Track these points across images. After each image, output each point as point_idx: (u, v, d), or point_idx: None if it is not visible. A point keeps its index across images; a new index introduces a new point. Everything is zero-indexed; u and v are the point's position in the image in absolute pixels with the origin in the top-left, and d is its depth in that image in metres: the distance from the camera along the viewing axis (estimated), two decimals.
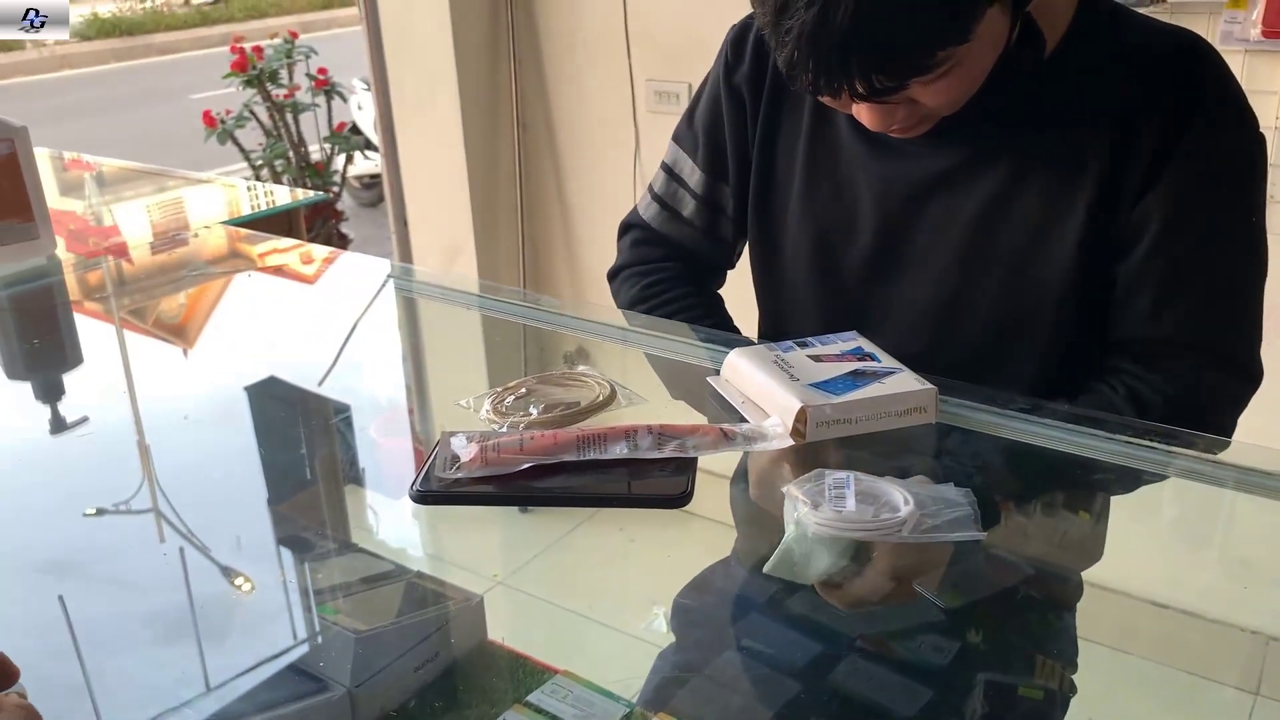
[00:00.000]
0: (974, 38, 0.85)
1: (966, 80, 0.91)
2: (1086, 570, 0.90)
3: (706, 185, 1.17)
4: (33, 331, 1.45)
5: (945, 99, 0.92)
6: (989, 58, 0.91)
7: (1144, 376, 0.97)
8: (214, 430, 1.13)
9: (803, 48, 0.83)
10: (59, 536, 0.96)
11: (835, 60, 0.83)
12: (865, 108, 0.93)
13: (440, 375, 1.37)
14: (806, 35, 0.82)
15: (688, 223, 1.20)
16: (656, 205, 1.22)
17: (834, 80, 0.85)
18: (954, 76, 0.88)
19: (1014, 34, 0.92)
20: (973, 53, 0.87)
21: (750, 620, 0.90)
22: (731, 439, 0.86)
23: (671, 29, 2.65)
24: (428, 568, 1.05)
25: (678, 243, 1.21)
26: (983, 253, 1.01)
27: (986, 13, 0.84)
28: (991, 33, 0.88)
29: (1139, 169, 0.93)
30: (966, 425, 0.93)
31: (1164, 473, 0.91)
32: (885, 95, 0.87)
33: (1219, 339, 0.97)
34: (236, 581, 0.93)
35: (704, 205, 1.18)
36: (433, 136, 2.95)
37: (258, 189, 3.08)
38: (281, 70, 4.82)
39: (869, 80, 0.84)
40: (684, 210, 1.20)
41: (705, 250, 1.21)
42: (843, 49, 0.82)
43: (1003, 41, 0.91)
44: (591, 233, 3.00)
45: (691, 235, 1.20)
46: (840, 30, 0.81)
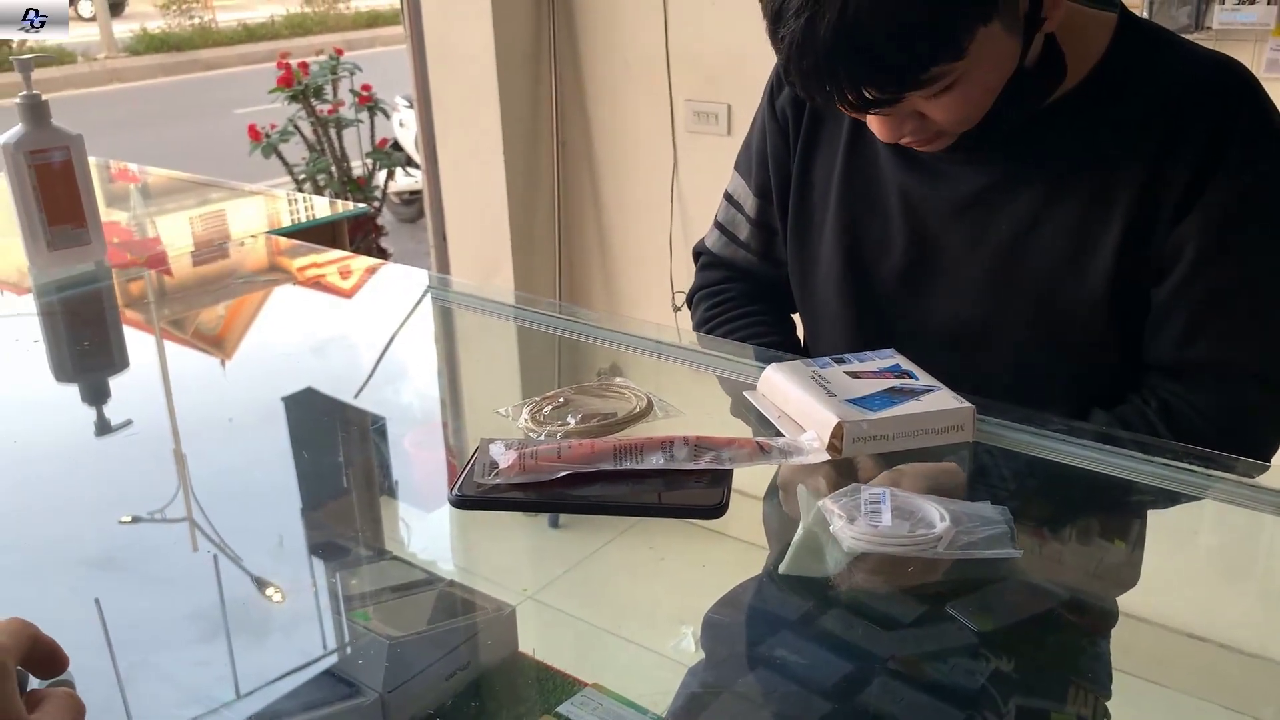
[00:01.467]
0: (970, 55, 0.85)
1: (973, 97, 0.91)
2: (1121, 596, 0.89)
3: (759, 208, 1.20)
4: (82, 334, 1.48)
5: (952, 115, 0.92)
6: (996, 76, 0.91)
7: (1177, 392, 0.97)
8: (252, 438, 1.15)
9: (793, 56, 0.84)
10: (103, 535, 0.97)
11: (823, 69, 0.84)
12: (874, 118, 0.93)
13: (475, 385, 1.38)
14: (796, 44, 0.83)
15: (744, 245, 1.23)
16: (718, 231, 1.26)
17: (823, 89, 0.86)
18: (957, 93, 0.89)
19: (1030, 55, 0.91)
20: (974, 70, 0.87)
21: (781, 638, 0.90)
22: (768, 452, 0.86)
23: (712, 50, 2.66)
24: (458, 579, 1.05)
25: (738, 265, 1.25)
26: (1014, 273, 1.00)
27: (979, 30, 0.84)
28: (995, 51, 0.88)
29: (1175, 194, 0.93)
30: (1004, 444, 0.93)
31: (1200, 495, 0.90)
32: (882, 106, 0.88)
33: (1257, 359, 0.96)
34: (274, 585, 0.94)
35: (757, 228, 1.21)
36: (473, 153, 2.98)
37: (299, 201, 3.12)
38: (326, 86, 4.89)
39: (859, 91, 0.85)
40: (740, 234, 1.23)
41: (763, 271, 1.23)
42: (829, 59, 0.83)
43: (1013, 61, 0.91)
44: (627, 249, 3.01)
45: (748, 258, 1.23)
46: (825, 40, 0.82)
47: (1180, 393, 0.97)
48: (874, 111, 0.90)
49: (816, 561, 0.77)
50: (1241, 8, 1.96)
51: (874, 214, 1.08)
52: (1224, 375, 0.96)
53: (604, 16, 2.84)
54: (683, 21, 2.70)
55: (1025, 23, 0.89)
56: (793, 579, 0.83)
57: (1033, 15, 0.89)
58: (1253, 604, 0.94)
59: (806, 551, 0.77)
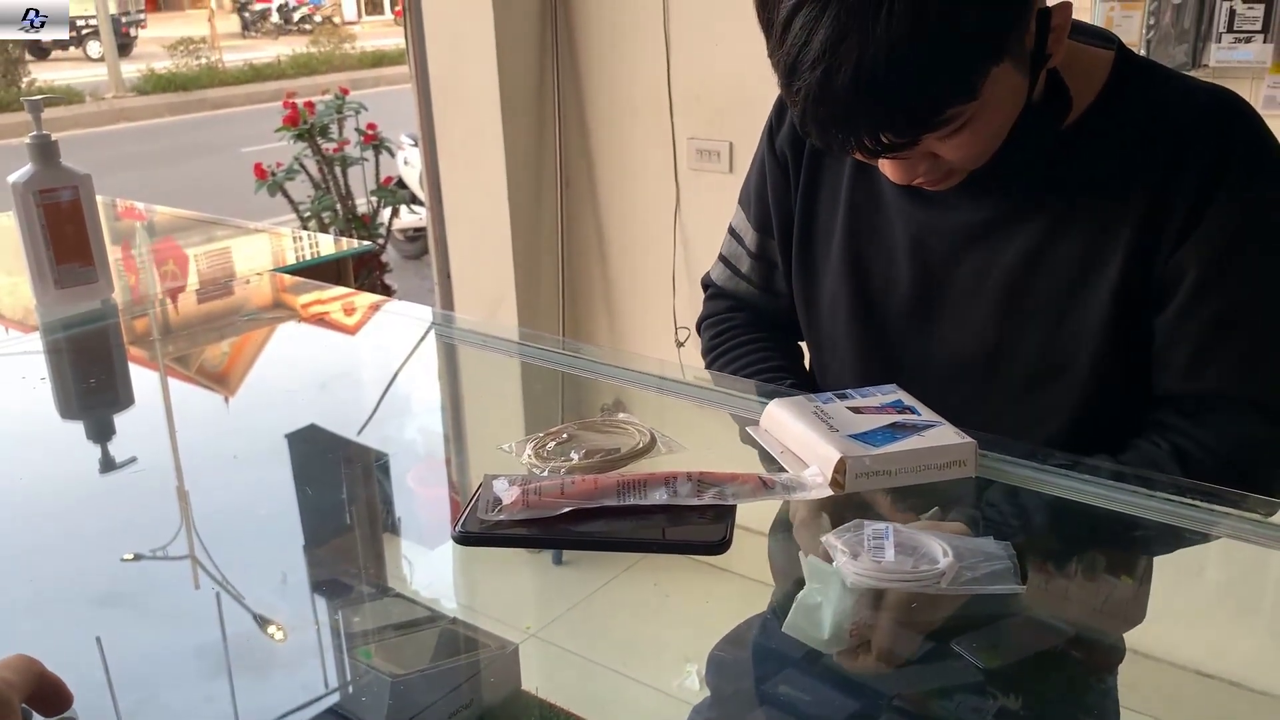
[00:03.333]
0: (983, 94, 0.86)
1: (985, 135, 0.92)
2: (1129, 632, 0.88)
3: (759, 242, 1.22)
4: (87, 372, 1.48)
5: (965, 153, 0.93)
6: (1007, 113, 0.92)
7: (1189, 431, 0.96)
8: (256, 474, 1.15)
9: (810, 109, 0.85)
10: (106, 572, 0.97)
11: (840, 120, 0.85)
12: (886, 162, 0.94)
13: (479, 422, 1.38)
14: (813, 97, 0.84)
15: (746, 278, 1.25)
16: (722, 263, 1.29)
17: (843, 138, 0.87)
18: (970, 132, 0.90)
19: (1035, 90, 0.93)
20: (986, 108, 0.88)
21: (786, 675, 0.89)
22: (771, 488, 0.87)
23: (714, 89, 2.69)
24: (461, 616, 1.05)
25: (740, 296, 1.28)
26: (1019, 305, 1.01)
27: (992, 71, 0.85)
28: (1005, 89, 0.89)
29: (1174, 224, 0.94)
30: (1007, 480, 0.93)
31: (1208, 532, 0.89)
32: (898, 150, 0.89)
33: (1263, 391, 0.96)
34: (276, 623, 0.94)
35: (758, 261, 1.23)
36: (477, 191, 3.01)
37: (304, 239, 3.14)
38: (332, 125, 4.94)
39: (876, 138, 0.86)
40: (742, 267, 1.25)
41: (763, 303, 1.25)
42: (847, 109, 0.84)
43: (1022, 97, 0.92)
44: (631, 286, 3.03)
45: (749, 290, 1.26)
46: (843, 92, 0.82)
47: (1192, 432, 0.96)
48: (889, 156, 0.91)
49: (814, 629, 0.76)
50: (1238, 45, 1.98)
51: (880, 249, 1.09)
52: (1234, 409, 0.96)
53: (607, 56, 2.88)
54: (685, 61, 2.73)
55: (1032, 59, 0.90)
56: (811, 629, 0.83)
57: (1038, 51, 0.91)
58: (1262, 641, 0.93)
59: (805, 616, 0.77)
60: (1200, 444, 0.96)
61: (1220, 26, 1.98)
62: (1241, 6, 1.95)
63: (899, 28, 0.80)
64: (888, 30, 0.80)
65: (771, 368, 1.20)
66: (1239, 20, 1.96)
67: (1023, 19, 0.87)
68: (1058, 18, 0.91)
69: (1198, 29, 2.00)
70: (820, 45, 0.82)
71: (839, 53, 0.81)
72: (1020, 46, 0.88)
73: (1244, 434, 0.96)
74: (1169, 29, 2.03)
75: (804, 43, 0.83)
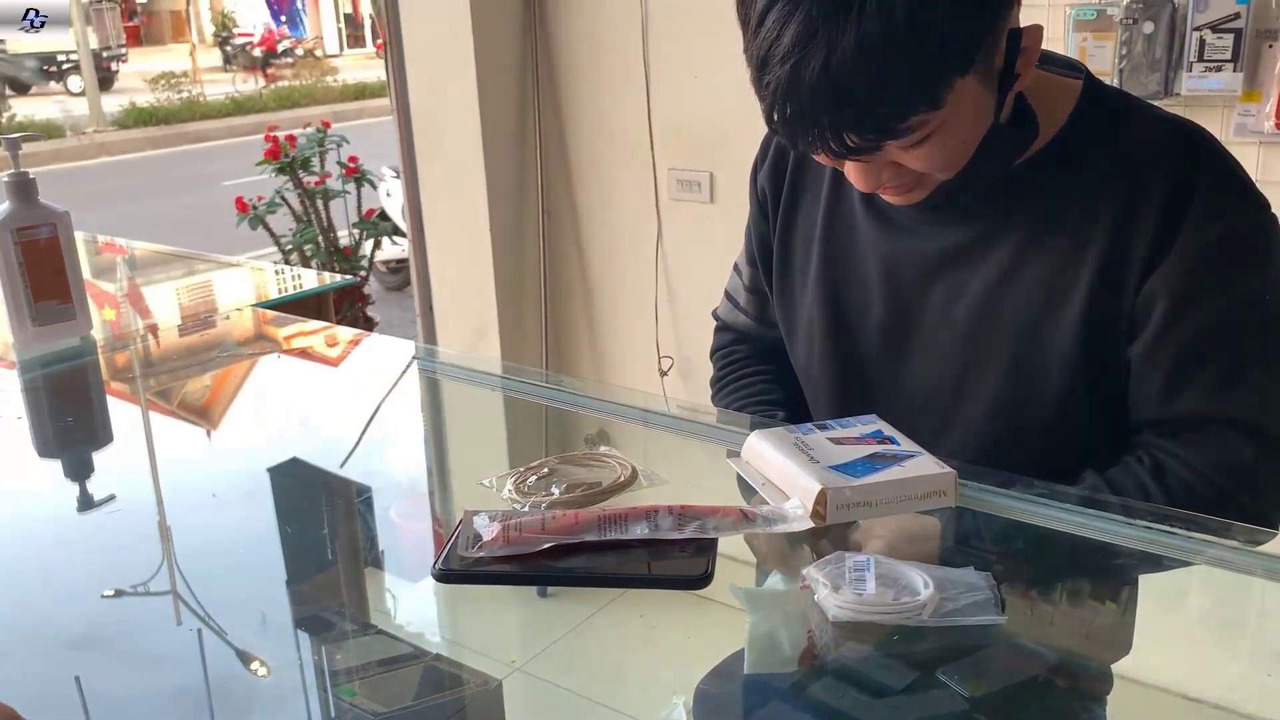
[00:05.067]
0: (947, 105, 0.87)
1: (950, 147, 0.93)
2: (1116, 663, 0.88)
3: (752, 276, 1.26)
4: (65, 410, 1.47)
5: (929, 164, 0.94)
6: (972, 129, 0.93)
7: (1167, 448, 0.97)
8: (237, 510, 1.14)
9: (778, 103, 0.86)
10: (84, 613, 0.96)
11: (807, 115, 0.86)
12: (851, 166, 0.95)
13: (462, 456, 1.38)
14: (781, 91, 0.85)
15: (744, 311, 1.29)
16: (726, 298, 1.33)
17: (807, 135, 0.88)
18: (934, 143, 0.91)
19: (1003, 111, 0.94)
20: (950, 121, 0.89)
21: (773, 708, 0.89)
22: (752, 520, 0.87)
23: (694, 121, 2.71)
24: (445, 651, 1.04)
25: (739, 329, 1.31)
26: (987, 331, 1.02)
27: (957, 82, 0.86)
28: (971, 103, 0.90)
29: (1141, 249, 0.95)
30: (988, 509, 0.93)
31: (1188, 559, 0.90)
32: (862, 154, 0.90)
33: (1244, 412, 0.96)
34: (257, 661, 0.93)
35: (752, 294, 1.27)
36: (459, 223, 3.01)
37: (285, 273, 3.13)
38: (313, 158, 4.95)
39: (841, 138, 0.87)
40: (740, 300, 1.29)
41: (759, 334, 1.29)
42: (813, 105, 0.85)
43: (988, 114, 0.93)
44: (614, 316, 3.03)
45: (747, 322, 1.29)
46: (809, 87, 0.83)
47: (1172, 449, 0.97)
48: (853, 158, 0.92)
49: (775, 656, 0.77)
50: (1209, 74, 2.01)
51: (853, 277, 1.10)
52: (1213, 430, 0.96)
53: (588, 89, 2.90)
54: (665, 93, 2.75)
55: (1000, 78, 0.92)
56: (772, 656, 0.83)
57: (1007, 71, 0.92)
58: (1245, 665, 0.93)
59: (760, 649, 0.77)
60: (1181, 460, 0.96)
61: (1191, 56, 2.00)
62: (1211, 36, 1.98)
63: (867, 30, 0.81)
64: (856, 31, 0.81)
65: (769, 400, 1.23)
66: (1209, 50, 1.99)
67: (993, 35, 0.89)
68: (1028, 40, 0.92)
69: (1169, 58, 2.03)
70: (790, 41, 0.83)
71: (808, 49, 0.83)
72: (989, 63, 0.90)
73: (1226, 455, 0.96)
74: (1141, 58, 2.05)
75: (775, 38, 0.84)
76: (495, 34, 2.85)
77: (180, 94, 15.07)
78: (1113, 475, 0.98)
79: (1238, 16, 1.96)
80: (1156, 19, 2.02)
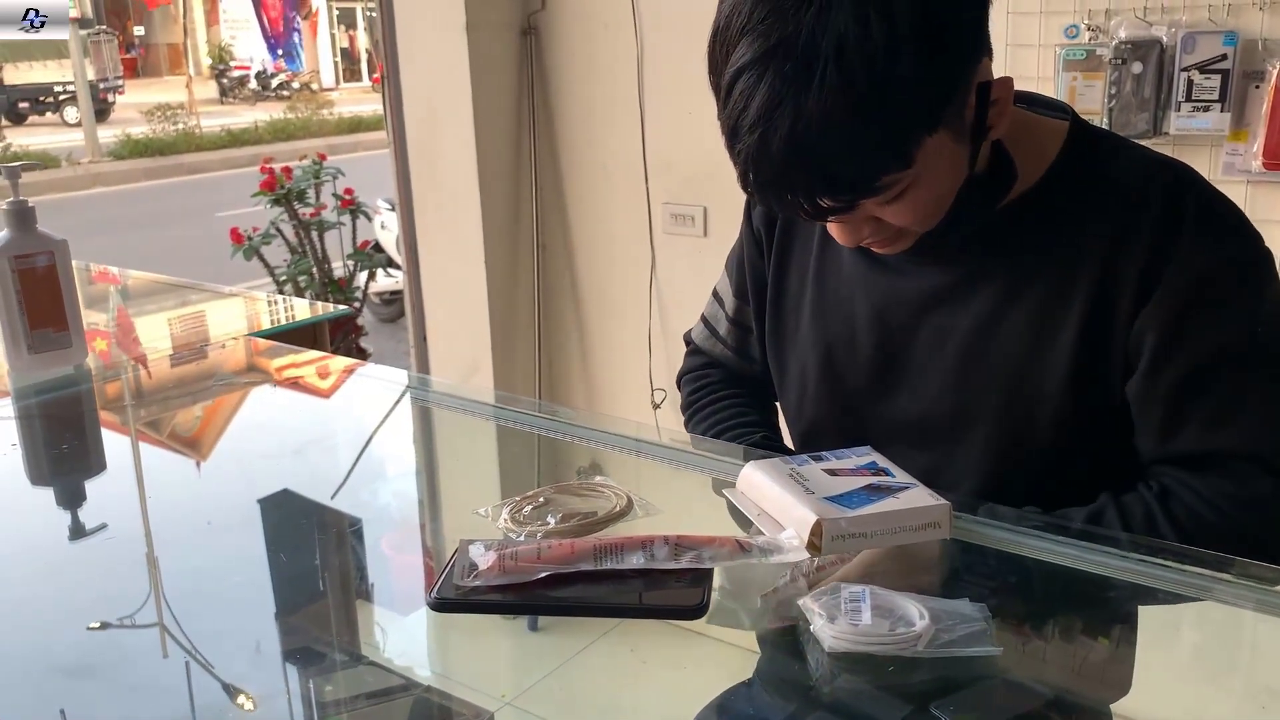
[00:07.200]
0: (918, 162, 0.87)
1: (925, 201, 0.94)
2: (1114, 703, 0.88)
3: (736, 308, 1.26)
4: (59, 438, 1.47)
5: (907, 219, 0.95)
6: (947, 182, 0.94)
7: (1175, 475, 0.97)
8: (228, 541, 1.13)
9: (750, 170, 0.87)
10: (74, 642, 0.95)
11: (779, 182, 0.87)
12: (833, 224, 0.96)
13: (455, 485, 1.37)
14: (751, 159, 0.86)
15: (722, 340, 1.29)
16: (703, 323, 1.33)
17: (781, 200, 0.89)
18: (910, 199, 0.91)
19: (979, 161, 0.95)
20: (924, 176, 0.90)
21: None
22: (747, 550, 0.87)
23: (688, 155, 2.73)
24: (435, 684, 1.03)
25: (715, 357, 1.32)
26: (977, 370, 1.02)
27: (926, 140, 0.87)
28: (943, 159, 0.91)
29: (1129, 291, 0.95)
30: (981, 541, 0.93)
31: (1185, 594, 0.89)
32: (838, 214, 0.91)
33: (1249, 444, 0.96)
34: (247, 693, 0.92)
35: (734, 326, 1.27)
36: (454, 256, 3.02)
37: (279, 303, 3.14)
38: (309, 190, 4.97)
39: (814, 201, 0.88)
40: (720, 329, 1.29)
41: (736, 365, 1.29)
42: (784, 172, 0.86)
43: (962, 167, 0.94)
44: (607, 349, 3.04)
45: (725, 352, 1.30)
46: (778, 155, 0.84)
47: (1182, 478, 0.97)
48: (832, 218, 0.93)
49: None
50: (1197, 114, 2.03)
51: (844, 319, 1.11)
52: (1219, 462, 0.96)
53: (583, 124, 2.92)
54: (659, 128, 2.77)
55: (972, 131, 0.92)
56: (776, 682, 0.82)
57: (978, 125, 0.92)
58: (1241, 701, 0.93)
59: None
60: (1189, 488, 0.96)
61: (1179, 95, 2.03)
62: (1199, 77, 2.01)
63: (830, 98, 0.81)
64: (819, 99, 0.81)
65: (747, 422, 1.23)
66: (1197, 90, 2.02)
67: (960, 91, 0.89)
68: (998, 91, 0.93)
69: (1157, 98, 2.06)
70: (756, 111, 0.84)
71: (774, 118, 0.83)
72: (959, 118, 0.90)
73: (1229, 483, 0.96)
74: (1130, 98, 2.08)
75: (743, 107, 0.85)
76: (492, 69, 2.88)
77: (176, 125, 15.14)
78: (1123, 500, 0.98)
79: (1224, 58, 1.99)
80: (1145, 59, 2.05)
